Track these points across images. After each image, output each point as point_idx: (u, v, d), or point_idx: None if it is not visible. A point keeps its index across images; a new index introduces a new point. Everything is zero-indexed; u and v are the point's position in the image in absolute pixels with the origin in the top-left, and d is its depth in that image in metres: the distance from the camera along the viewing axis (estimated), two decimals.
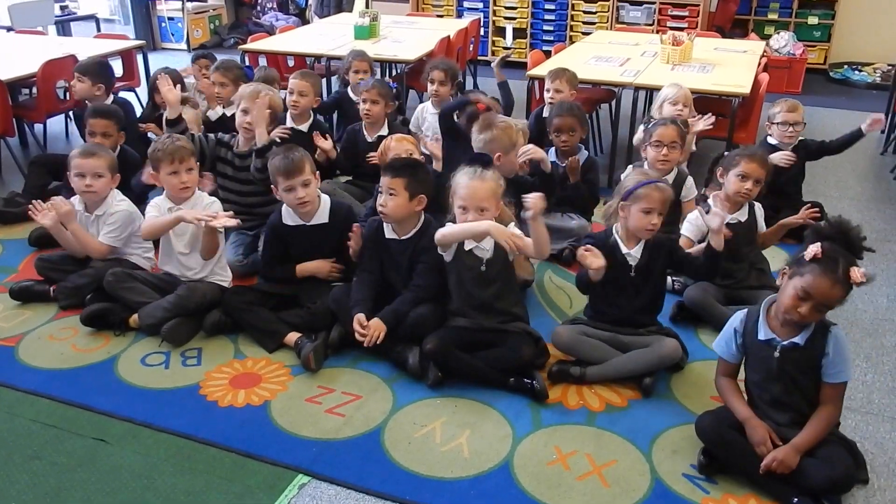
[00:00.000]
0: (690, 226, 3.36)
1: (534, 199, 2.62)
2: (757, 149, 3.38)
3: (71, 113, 5.47)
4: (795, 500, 2.27)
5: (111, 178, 3.40)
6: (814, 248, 2.24)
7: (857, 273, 2.18)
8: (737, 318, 2.47)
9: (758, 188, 3.26)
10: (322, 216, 3.26)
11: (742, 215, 3.34)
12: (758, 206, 3.38)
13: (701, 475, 2.44)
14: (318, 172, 3.28)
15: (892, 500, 2.36)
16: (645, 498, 2.35)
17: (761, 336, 2.37)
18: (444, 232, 2.89)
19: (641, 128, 4.16)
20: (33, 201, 3.36)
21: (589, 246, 2.75)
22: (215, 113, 4.50)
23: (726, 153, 3.46)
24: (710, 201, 2.85)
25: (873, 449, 2.58)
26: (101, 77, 4.56)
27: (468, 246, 2.92)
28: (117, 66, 5.98)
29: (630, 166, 3.95)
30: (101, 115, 3.97)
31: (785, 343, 2.32)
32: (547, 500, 2.34)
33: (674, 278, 3.55)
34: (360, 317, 2.95)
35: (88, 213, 3.41)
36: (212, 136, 3.83)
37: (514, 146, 3.53)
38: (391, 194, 2.99)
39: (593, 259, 2.72)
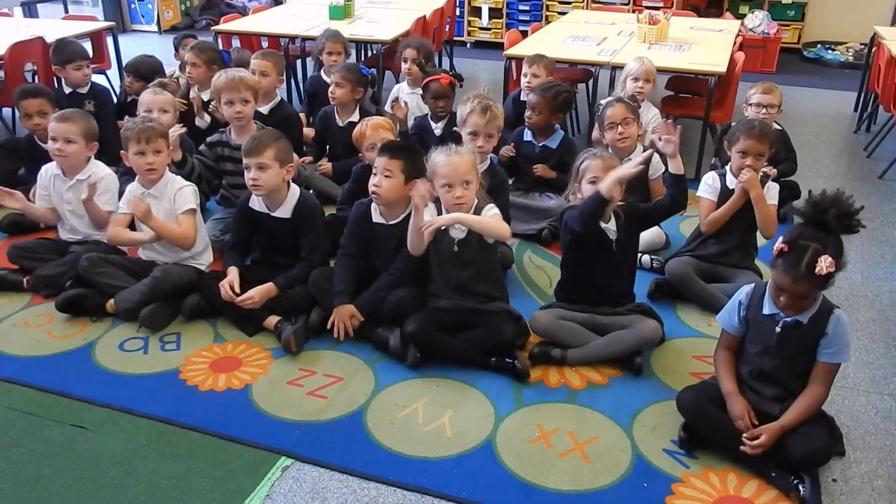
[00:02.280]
0: (708, 188, 3.38)
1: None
2: (756, 123, 3.38)
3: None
4: (773, 474, 2.31)
5: (86, 144, 3.35)
6: (777, 245, 2.23)
7: (822, 265, 2.13)
8: (743, 291, 2.47)
9: (760, 162, 3.25)
10: (286, 210, 3.20)
11: None
12: (772, 187, 3.33)
13: (681, 450, 2.47)
14: (292, 166, 3.19)
15: (868, 471, 2.41)
16: (627, 474, 2.38)
17: (765, 310, 2.37)
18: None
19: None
20: None
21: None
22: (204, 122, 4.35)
23: (734, 124, 3.46)
24: (660, 141, 2.82)
25: (849, 422, 2.62)
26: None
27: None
28: (86, 49, 5.88)
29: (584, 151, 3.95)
30: (32, 95, 3.94)
31: (788, 319, 2.33)
32: (530, 477, 2.36)
33: (652, 257, 3.58)
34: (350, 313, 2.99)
35: (67, 177, 3.39)
36: (203, 147, 3.75)
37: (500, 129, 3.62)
38: (387, 176, 2.96)
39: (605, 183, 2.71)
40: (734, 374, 2.48)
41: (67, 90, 4.54)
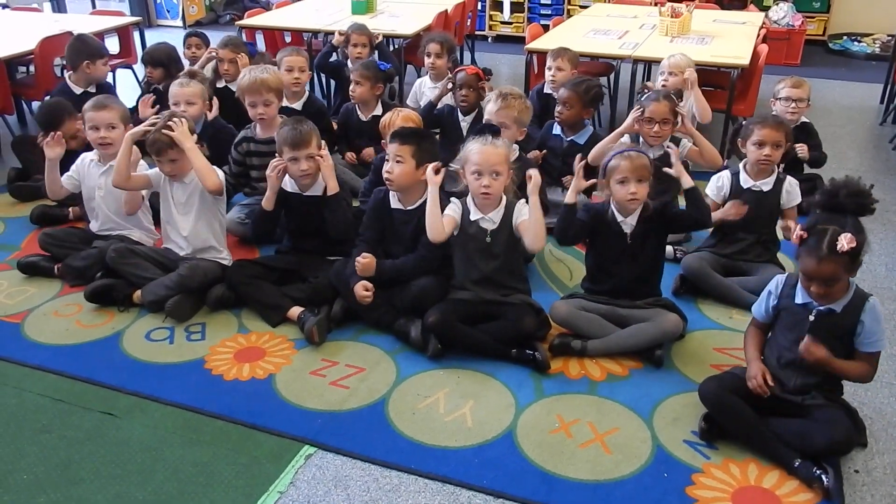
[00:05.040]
0: (714, 189, 3.40)
1: (534, 172, 2.72)
2: (769, 115, 3.36)
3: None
4: (797, 463, 2.31)
5: (125, 129, 3.40)
6: (797, 233, 2.27)
7: (842, 241, 2.16)
8: (774, 281, 2.48)
9: (778, 152, 3.25)
10: (317, 189, 3.26)
11: (766, 185, 3.31)
12: (790, 182, 3.32)
13: (702, 441, 2.47)
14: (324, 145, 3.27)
15: (891, 462, 2.40)
16: (647, 464, 2.39)
17: (798, 300, 2.37)
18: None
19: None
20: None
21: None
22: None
23: (744, 122, 3.45)
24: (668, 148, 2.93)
25: (872, 414, 2.61)
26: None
27: (474, 217, 2.93)
28: (114, 43, 5.97)
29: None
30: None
31: (821, 308, 2.33)
32: (550, 467, 2.38)
33: (675, 247, 3.56)
34: (361, 285, 2.99)
35: (102, 162, 3.46)
36: (232, 152, 3.81)
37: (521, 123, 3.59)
38: (398, 161, 3.00)
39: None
40: (760, 346, 2.51)
41: (78, 91, 4.56)
